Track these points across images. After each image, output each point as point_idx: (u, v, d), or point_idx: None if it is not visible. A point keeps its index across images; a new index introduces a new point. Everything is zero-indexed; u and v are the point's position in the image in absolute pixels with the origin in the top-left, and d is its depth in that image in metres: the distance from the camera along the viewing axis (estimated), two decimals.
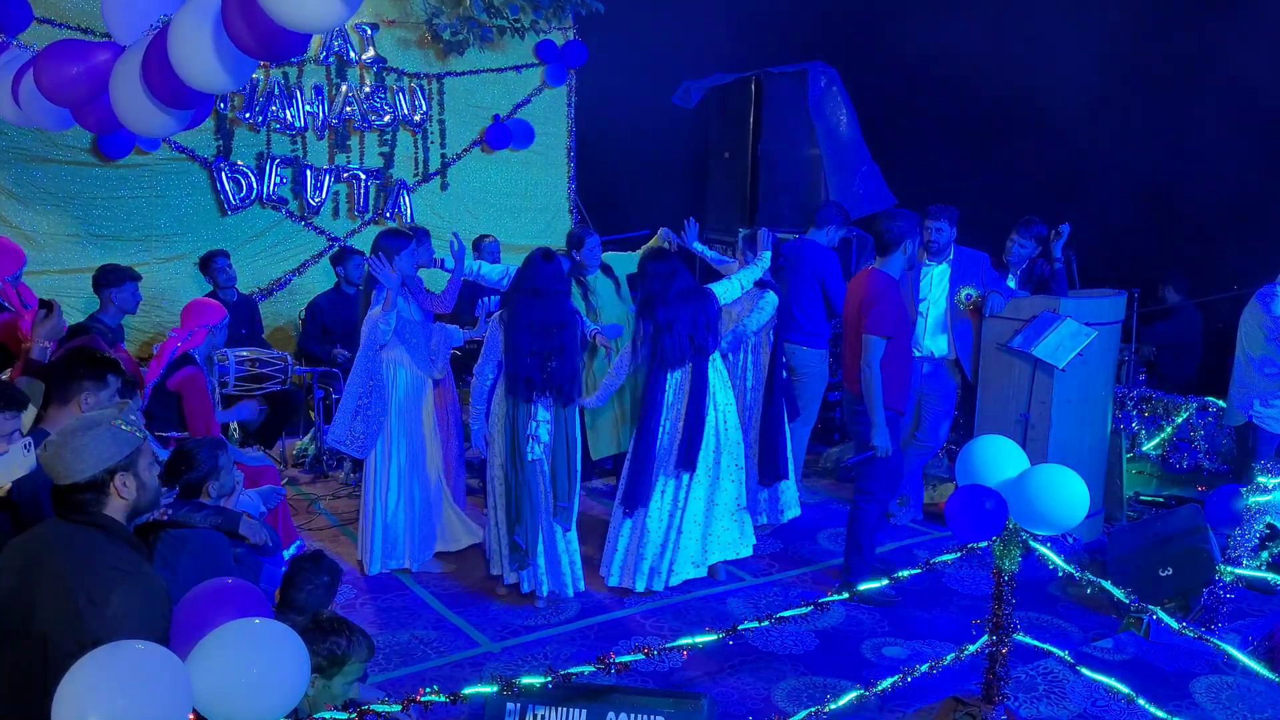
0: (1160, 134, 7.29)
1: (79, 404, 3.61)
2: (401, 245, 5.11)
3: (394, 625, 4.71)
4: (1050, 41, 7.84)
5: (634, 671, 3.27)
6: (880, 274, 4.83)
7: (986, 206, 6.55)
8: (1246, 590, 4.83)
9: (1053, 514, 3.52)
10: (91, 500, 2.62)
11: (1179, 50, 7.22)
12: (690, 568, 5.08)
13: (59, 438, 2.64)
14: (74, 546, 2.57)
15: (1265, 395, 5.42)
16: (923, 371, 6.00)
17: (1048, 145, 7.82)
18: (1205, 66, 7.16)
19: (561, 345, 4.77)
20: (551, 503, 4.81)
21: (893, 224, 4.82)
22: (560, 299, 4.86)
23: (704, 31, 9.18)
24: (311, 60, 8.29)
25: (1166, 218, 7.33)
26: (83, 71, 3.55)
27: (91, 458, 2.60)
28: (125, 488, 2.66)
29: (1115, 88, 7.35)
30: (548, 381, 4.75)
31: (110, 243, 7.60)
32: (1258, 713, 3.96)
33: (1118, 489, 5.98)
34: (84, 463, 2.60)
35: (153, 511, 3.01)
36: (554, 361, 4.76)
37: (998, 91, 7.91)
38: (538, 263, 4.84)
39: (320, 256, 8.46)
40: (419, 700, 2.66)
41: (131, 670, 2.13)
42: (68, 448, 2.61)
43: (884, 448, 4.79)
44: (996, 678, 3.72)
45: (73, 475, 2.60)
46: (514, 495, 4.76)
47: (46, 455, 2.65)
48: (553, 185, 9.83)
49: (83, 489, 2.61)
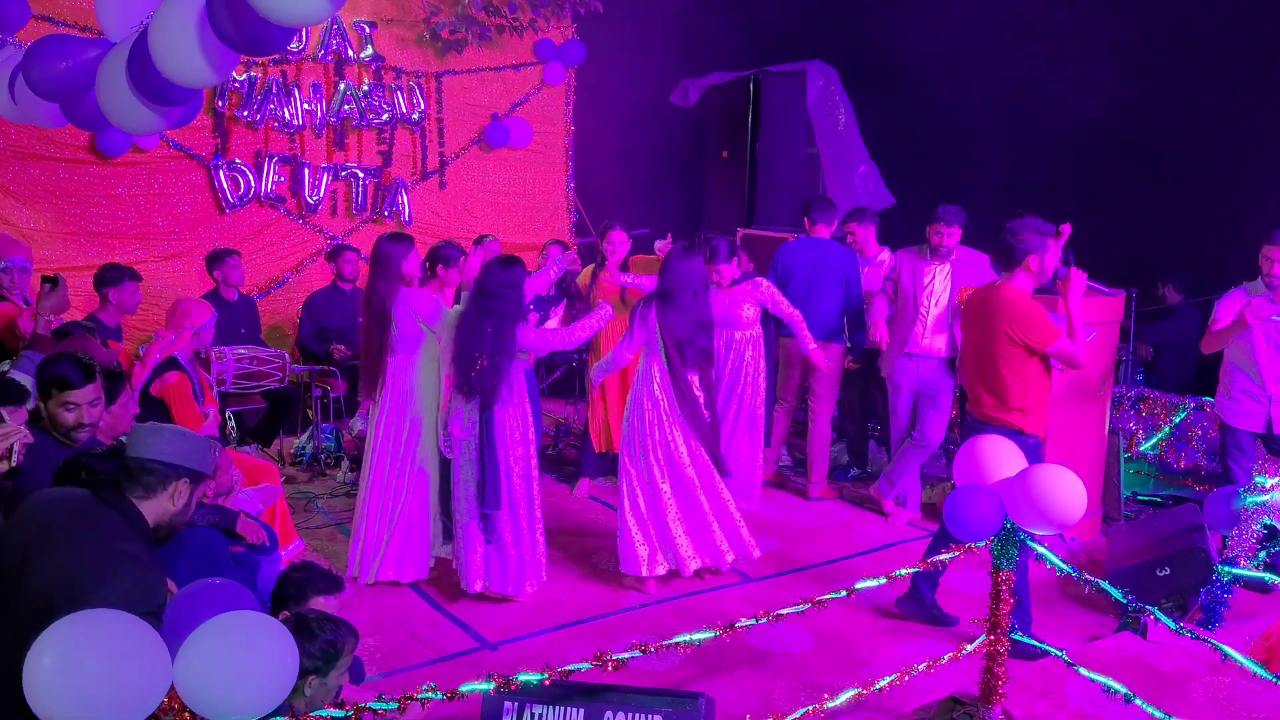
0: (1160, 133, 7.28)
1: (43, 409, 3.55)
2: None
3: (391, 623, 4.70)
4: (1049, 40, 7.84)
5: (631, 670, 3.26)
6: (1020, 290, 4.45)
7: (986, 205, 6.54)
8: (1244, 590, 4.83)
9: (1050, 513, 3.52)
10: (145, 484, 2.72)
11: (1177, 48, 7.22)
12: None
13: (170, 426, 2.87)
14: (97, 521, 2.62)
15: (1229, 388, 5.44)
16: (920, 370, 6.01)
17: (1047, 144, 7.81)
18: (1204, 65, 7.16)
19: (496, 348, 4.71)
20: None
21: (1021, 236, 4.43)
22: (502, 302, 4.76)
23: (702, 30, 9.18)
24: (309, 58, 8.29)
25: (1166, 217, 7.33)
26: (71, 67, 3.54)
27: (179, 450, 2.77)
28: (179, 495, 2.78)
29: (1114, 87, 7.34)
30: (478, 383, 4.74)
31: (107, 240, 7.59)
32: (1255, 713, 3.96)
33: (1115, 488, 5.98)
34: (171, 448, 2.75)
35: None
36: (486, 362, 4.72)
37: (997, 90, 7.91)
38: (491, 264, 4.86)
39: (318, 255, 8.46)
40: (415, 698, 2.65)
41: (107, 637, 2.16)
42: (168, 430, 2.82)
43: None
44: (994, 677, 3.72)
45: (152, 452, 2.73)
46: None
47: (144, 425, 2.85)
48: (551, 184, 9.84)
49: (150, 469, 2.72)
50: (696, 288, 4.96)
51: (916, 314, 5.97)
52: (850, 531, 6.05)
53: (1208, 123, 7.20)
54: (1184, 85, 7.18)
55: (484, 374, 4.72)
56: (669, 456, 5.00)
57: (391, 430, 5.07)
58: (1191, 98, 7.18)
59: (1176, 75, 7.22)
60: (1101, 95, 7.40)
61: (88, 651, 2.13)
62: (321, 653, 2.86)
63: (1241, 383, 5.34)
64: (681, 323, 4.94)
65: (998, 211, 6.48)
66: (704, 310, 5.01)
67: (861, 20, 8.42)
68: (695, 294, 4.95)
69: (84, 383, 3.55)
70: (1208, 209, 7.22)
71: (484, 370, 4.72)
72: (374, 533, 5.08)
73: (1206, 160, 7.23)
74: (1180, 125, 7.30)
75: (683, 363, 4.95)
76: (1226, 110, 7.13)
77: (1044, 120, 7.82)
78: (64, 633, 2.16)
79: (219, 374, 6.29)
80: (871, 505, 6.35)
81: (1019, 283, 4.45)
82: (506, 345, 4.74)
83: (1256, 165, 6.89)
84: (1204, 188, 7.25)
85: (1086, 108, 7.53)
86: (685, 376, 4.96)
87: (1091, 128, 7.57)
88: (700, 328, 4.98)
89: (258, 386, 6.57)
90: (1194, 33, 7.15)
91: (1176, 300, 7.39)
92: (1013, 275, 4.46)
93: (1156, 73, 7.24)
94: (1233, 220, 6.94)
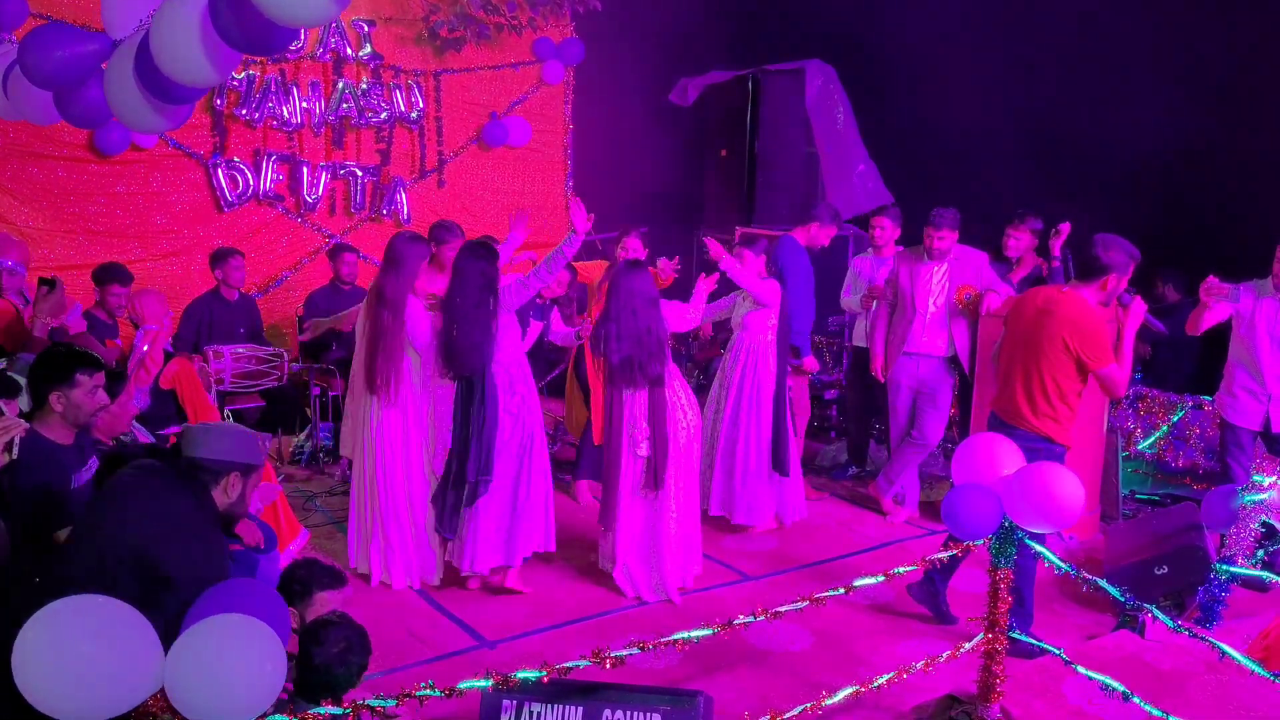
0: (1159, 132, 7.27)
1: (52, 403, 3.55)
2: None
3: (390, 621, 4.70)
4: (1048, 39, 7.84)
5: (630, 668, 3.26)
6: (1089, 304, 4.36)
7: (985, 205, 6.55)
8: (1242, 589, 4.83)
9: (1049, 512, 3.52)
10: (201, 481, 3.02)
11: (1176, 46, 7.22)
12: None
13: (218, 424, 3.29)
14: (176, 496, 2.96)
15: (1230, 385, 5.44)
16: (919, 369, 6.01)
17: (1046, 143, 7.81)
18: (1202, 65, 7.16)
19: (463, 315, 4.73)
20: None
21: (1110, 253, 4.30)
22: (466, 274, 4.78)
23: (701, 29, 9.18)
24: (308, 57, 8.29)
25: (1166, 216, 7.32)
26: (67, 57, 3.53)
27: (228, 446, 3.07)
28: (232, 488, 3.07)
29: (1114, 86, 7.35)
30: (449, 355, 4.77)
31: (106, 239, 7.58)
32: (1253, 711, 3.96)
33: (1114, 487, 5.98)
34: (221, 445, 3.06)
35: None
36: (455, 329, 4.74)
37: (995, 88, 7.90)
38: (465, 246, 4.91)
39: (316, 253, 8.46)
40: (413, 695, 2.65)
41: (97, 621, 2.22)
42: (215, 428, 3.19)
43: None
44: (992, 675, 3.72)
45: (203, 450, 3.04)
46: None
47: (193, 426, 3.23)
48: (549, 183, 9.84)
49: (203, 467, 3.03)
50: (637, 305, 4.82)
51: (915, 314, 5.98)
52: (848, 530, 6.05)
53: (1208, 122, 7.20)
54: (1184, 85, 7.18)
55: (465, 334, 4.72)
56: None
57: (401, 429, 5.02)
58: (1191, 96, 7.18)
59: (1176, 75, 7.21)
60: (1102, 95, 7.40)
61: (79, 636, 2.17)
62: (357, 665, 3.01)
63: (1242, 379, 5.34)
64: (620, 343, 4.82)
65: (997, 211, 6.52)
66: (644, 328, 4.81)
67: (860, 19, 8.41)
68: (634, 312, 4.80)
69: (100, 366, 3.62)
70: (1207, 208, 7.22)
71: (463, 332, 4.72)
72: (398, 538, 5.03)
73: (1207, 160, 7.23)
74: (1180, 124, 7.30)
75: (626, 384, 4.86)
76: (1226, 109, 7.13)
77: (1043, 119, 7.82)
78: (55, 616, 2.19)
79: (217, 372, 6.28)
80: (870, 504, 6.35)
81: (1088, 295, 4.36)
82: (478, 300, 4.75)
83: (1256, 164, 6.90)
84: (1204, 187, 7.25)
85: (1086, 107, 7.53)
86: (622, 398, 4.90)
87: (1090, 127, 7.58)
88: (638, 345, 4.80)
89: (256, 385, 6.56)
90: (1193, 32, 7.15)
91: (1175, 299, 7.38)
92: (1084, 286, 4.37)
93: (1156, 72, 7.24)
94: (1232, 219, 6.95)
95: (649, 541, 4.98)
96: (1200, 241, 7.09)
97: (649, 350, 4.80)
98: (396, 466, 5.00)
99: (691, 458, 5.05)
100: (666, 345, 4.94)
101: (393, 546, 5.03)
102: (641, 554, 5.00)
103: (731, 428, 5.78)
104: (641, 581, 5.00)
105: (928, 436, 6.06)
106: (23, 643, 2.16)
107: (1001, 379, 4.60)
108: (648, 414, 4.87)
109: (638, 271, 4.94)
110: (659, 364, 4.84)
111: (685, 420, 4.98)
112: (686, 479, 5.00)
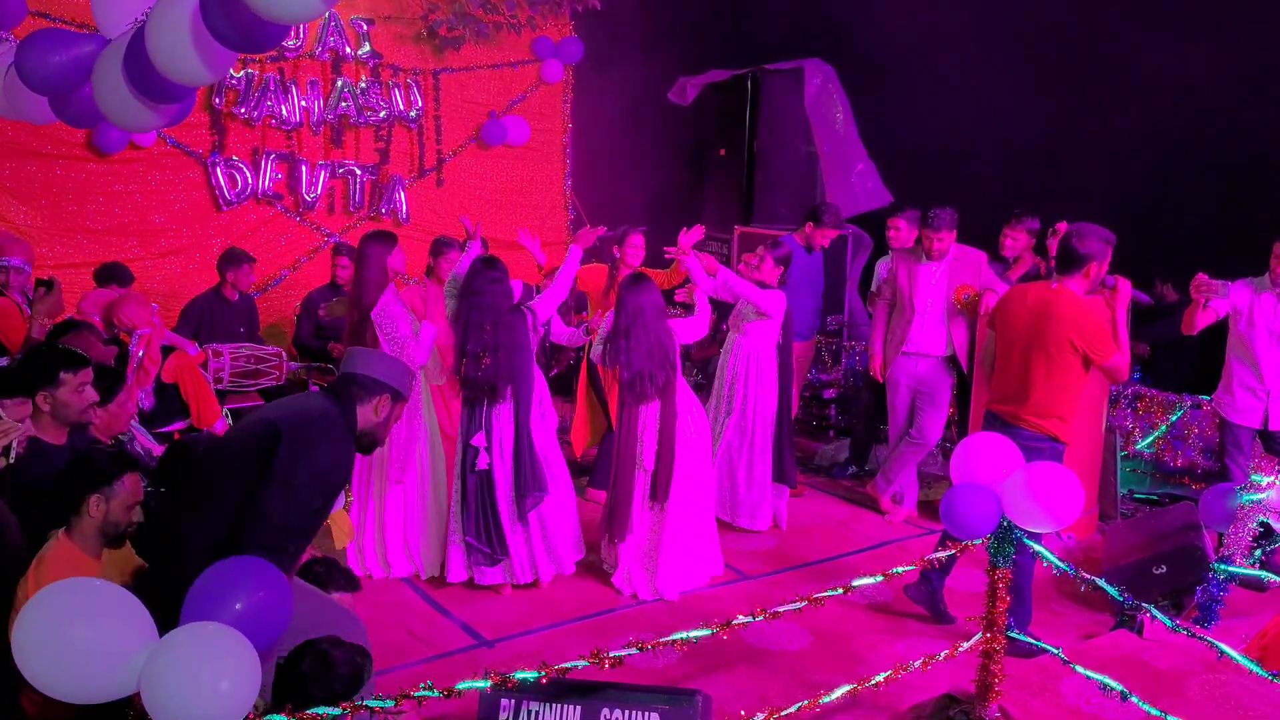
0: (1160, 131, 7.28)
1: (39, 403, 3.54)
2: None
3: (389, 621, 4.70)
4: (1047, 39, 7.84)
5: (628, 668, 3.27)
6: (1083, 298, 4.38)
7: (983, 203, 6.54)
8: (1240, 588, 4.84)
9: (1047, 511, 3.53)
10: (353, 395, 3.21)
11: (1175, 47, 7.22)
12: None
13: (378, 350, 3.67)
14: (326, 408, 3.18)
15: (1229, 383, 5.45)
16: (918, 369, 6.02)
17: (1046, 143, 7.81)
18: (1201, 65, 7.16)
19: (497, 343, 4.77)
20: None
21: (1087, 242, 4.33)
22: (492, 296, 4.81)
23: (700, 28, 9.17)
24: (307, 55, 8.27)
25: (1165, 216, 7.32)
26: (64, 61, 3.53)
27: (387, 371, 3.28)
28: (381, 408, 3.26)
29: (1113, 86, 7.35)
30: (485, 380, 4.77)
31: (105, 238, 7.57)
32: (1250, 710, 3.96)
33: (1112, 486, 5.99)
34: (381, 367, 3.28)
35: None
36: (488, 359, 4.76)
37: (995, 88, 7.90)
38: (475, 265, 4.90)
39: (315, 252, 8.45)
40: (412, 696, 2.66)
41: (94, 605, 2.26)
42: (378, 353, 3.63)
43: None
44: (990, 674, 3.73)
45: (363, 368, 3.25)
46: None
47: (357, 348, 3.61)
48: (548, 182, 9.82)
49: (360, 382, 3.23)
50: (648, 320, 4.88)
51: (914, 313, 5.98)
52: (847, 529, 6.05)
53: (1207, 122, 7.21)
54: (1183, 84, 7.18)
55: (491, 369, 4.75)
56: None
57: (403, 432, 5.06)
58: (1191, 94, 7.18)
59: (1176, 74, 7.21)
60: (1100, 94, 7.40)
61: (75, 616, 2.22)
62: (344, 687, 2.90)
63: (1241, 376, 5.35)
64: (631, 358, 4.88)
65: (995, 210, 6.52)
66: (654, 341, 4.89)
67: (859, 18, 8.40)
68: (646, 327, 4.86)
69: (86, 363, 3.61)
70: (1207, 208, 7.22)
71: (489, 366, 4.75)
72: (397, 534, 5.12)
73: (1206, 159, 7.23)
74: (1179, 124, 7.30)
75: (638, 398, 4.92)
76: (1226, 110, 7.14)
77: (1042, 118, 7.82)
78: (53, 598, 2.23)
79: (216, 372, 6.28)
80: (869, 503, 6.36)
81: (1076, 288, 4.36)
82: (507, 336, 4.79)
83: (1256, 164, 6.90)
84: (1203, 187, 7.25)
85: (1085, 107, 7.53)
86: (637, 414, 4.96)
87: (1089, 126, 7.57)
88: (650, 357, 4.87)
89: (255, 384, 6.56)
90: (1192, 32, 7.15)
91: (1174, 299, 7.38)
92: (1069, 279, 4.37)
93: (1154, 71, 7.24)
94: (1232, 218, 6.95)
95: (651, 549, 5.04)
96: (1199, 241, 7.09)
97: (658, 361, 4.90)
98: (392, 463, 5.05)
99: (701, 465, 5.10)
100: (676, 356, 5.00)
101: (390, 544, 5.11)
102: (643, 561, 5.06)
103: (735, 436, 5.82)
104: (640, 584, 5.04)
105: (926, 436, 6.06)
106: (20, 624, 2.22)
107: (998, 379, 4.60)
108: (656, 426, 4.94)
109: (643, 285, 4.99)
110: (666, 373, 4.92)
111: (692, 429, 5.04)
112: (694, 488, 5.05)
